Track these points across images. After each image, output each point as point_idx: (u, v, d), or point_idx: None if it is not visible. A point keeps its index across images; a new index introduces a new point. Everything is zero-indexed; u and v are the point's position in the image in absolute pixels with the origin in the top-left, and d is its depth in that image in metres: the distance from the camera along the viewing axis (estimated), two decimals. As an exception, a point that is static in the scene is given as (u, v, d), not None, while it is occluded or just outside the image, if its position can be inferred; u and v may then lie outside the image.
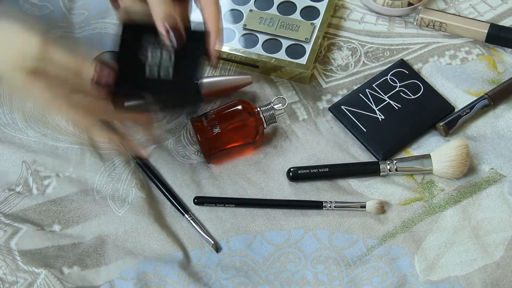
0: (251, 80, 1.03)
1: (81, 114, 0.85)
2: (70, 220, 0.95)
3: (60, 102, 0.83)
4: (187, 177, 0.98)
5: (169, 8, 0.85)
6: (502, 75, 1.05)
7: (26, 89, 0.83)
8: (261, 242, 0.94)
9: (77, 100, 0.85)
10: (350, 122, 1.01)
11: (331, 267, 0.92)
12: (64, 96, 0.84)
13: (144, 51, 0.87)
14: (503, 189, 0.96)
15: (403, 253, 0.92)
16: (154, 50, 0.87)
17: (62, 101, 0.84)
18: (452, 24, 1.08)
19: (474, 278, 0.90)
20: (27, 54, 0.82)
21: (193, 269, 0.92)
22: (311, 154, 1.00)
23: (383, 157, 0.99)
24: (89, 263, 0.92)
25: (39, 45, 0.82)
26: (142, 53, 0.87)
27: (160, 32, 0.86)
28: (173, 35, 0.86)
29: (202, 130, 0.96)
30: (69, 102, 0.84)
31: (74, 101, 0.84)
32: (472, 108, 1.01)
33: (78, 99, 0.85)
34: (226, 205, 0.96)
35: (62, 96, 0.83)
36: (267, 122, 0.98)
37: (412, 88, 1.03)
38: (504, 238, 0.93)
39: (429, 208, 0.95)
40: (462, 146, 0.96)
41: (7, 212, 0.94)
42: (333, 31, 1.10)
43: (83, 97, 0.85)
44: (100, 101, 0.85)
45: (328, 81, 1.06)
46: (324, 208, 0.95)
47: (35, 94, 0.83)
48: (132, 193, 0.96)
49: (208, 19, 0.89)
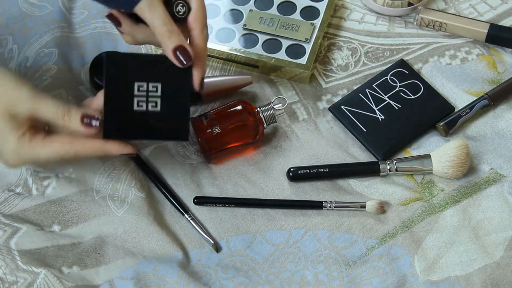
0: (251, 80, 1.03)
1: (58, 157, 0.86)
2: (70, 220, 0.94)
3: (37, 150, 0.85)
4: (187, 177, 0.98)
5: (177, 38, 0.86)
6: (502, 75, 1.05)
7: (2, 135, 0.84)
8: (261, 242, 0.94)
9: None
10: (350, 122, 1.01)
11: (331, 267, 0.92)
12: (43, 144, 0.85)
13: (130, 84, 0.87)
14: (503, 189, 0.96)
15: (403, 253, 0.92)
16: (141, 82, 0.87)
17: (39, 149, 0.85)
18: (452, 24, 1.08)
19: (474, 278, 0.90)
20: (17, 106, 0.84)
21: (193, 269, 0.92)
22: (311, 154, 1.00)
23: (383, 157, 0.99)
24: (88, 263, 0.92)
25: (29, 97, 0.84)
26: (129, 87, 0.86)
27: (170, 59, 0.86)
28: (181, 56, 0.86)
29: (202, 130, 0.96)
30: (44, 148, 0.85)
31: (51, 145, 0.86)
32: (472, 108, 1.01)
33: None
34: (226, 205, 0.96)
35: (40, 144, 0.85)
36: (267, 122, 0.98)
37: (412, 88, 1.03)
38: (504, 238, 0.93)
39: (429, 208, 0.95)
40: (462, 146, 0.96)
41: (7, 212, 0.94)
42: (333, 31, 1.10)
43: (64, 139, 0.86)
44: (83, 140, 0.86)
45: (328, 81, 1.06)
46: (324, 208, 0.95)
47: (9, 141, 0.84)
48: (131, 193, 0.96)
49: (195, 45, 0.88)
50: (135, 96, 0.86)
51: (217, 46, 1.06)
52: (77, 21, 1.10)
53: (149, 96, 0.87)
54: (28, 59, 1.06)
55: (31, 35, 1.08)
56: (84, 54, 1.07)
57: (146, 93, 0.87)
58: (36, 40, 1.08)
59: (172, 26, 0.86)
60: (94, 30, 1.09)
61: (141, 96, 0.87)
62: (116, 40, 1.08)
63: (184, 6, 0.87)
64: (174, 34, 0.85)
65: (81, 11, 1.11)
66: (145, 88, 0.87)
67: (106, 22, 1.10)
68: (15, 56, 1.06)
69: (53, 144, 0.85)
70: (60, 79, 1.05)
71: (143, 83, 0.87)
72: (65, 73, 1.05)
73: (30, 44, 1.07)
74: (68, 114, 0.84)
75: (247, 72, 1.06)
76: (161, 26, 0.85)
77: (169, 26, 0.85)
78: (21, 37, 1.08)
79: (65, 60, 1.06)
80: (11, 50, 1.07)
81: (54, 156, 0.85)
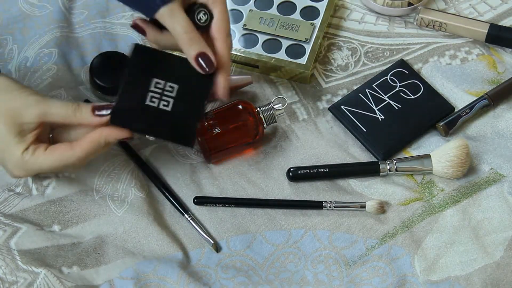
0: (251, 80, 1.04)
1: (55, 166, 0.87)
2: (70, 220, 0.94)
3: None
4: (187, 177, 0.98)
5: (199, 46, 0.86)
6: (502, 75, 1.05)
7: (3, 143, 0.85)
8: (261, 242, 0.94)
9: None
10: (350, 122, 1.01)
11: (331, 267, 0.92)
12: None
13: (148, 78, 0.87)
14: (503, 189, 0.96)
15: (403, 253, 0.92)
16: (159, 80, 0.88)
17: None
18: (452, 24, 1.08)
19: (474, 278, 0.90)
20: (24, 114, 0.85)
21: (193, 269, 0.92)
22: (311, 154, 1.00)
23: (383, 157, 0.99)
24: (88, 262, 0.92)
25: (36, 101, 0.85)
26: (147, 81, 0.87)
27: (194, 65, 0.87)
28: (203, 62, 0.87)
29: (202, 130, 0.96)
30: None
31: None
32: (472, 108, 1.01)
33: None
34: (226, 205, 0.96)
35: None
36: (267, 122, 0.98)
37: (412, 88, 1.03)
38: (504, 238, 0.93)
39: (429, 208, 0.95)
40: (462, 146, 0.96)
41: (7, 212, 0.94)
42: (333, 31, 1.10)
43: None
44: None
45: (328, 81, 1.06)
46: (324, 208, 0.95)
47: (14, 155, 0.86)
48: (131, 193, 0.96)
49: (220, 54, 0.89)
50: (150, 91, 0.87)
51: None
52: (77, 21, 1.10)
53: (164, 94, 0.87)
54: (28, 59, 1.06)
55: (31, 35, 1.08)
56: (84, 54, 1.07)
57: (161, 90, 0.87)
58: (36, 40, 1.08)
59: (193, 33, 0.86)
60: (94, 30, 1.09)
61: (156, 92, 0.87)
62: (116, 40, 1.08)
63: (206, 14, 0.88)
64: (195, 41, 0.86)
65: (81, 11, 1.11)
66: (162, 86, 0.87)
67: (106, 22, 1.10)
68: (15, 56, 1.06)
69: (54, 153, 0.86)
70: (60, 79, 1.05)
71: (161, 80, 0.87)
72: (65, 73, 1.05)
73: (30, 44, 1.07)
74: (79, 110, 0.86)
75: (247, 72, 1.06)
76: (182, 33, 0.86)
77: (190, 33, 0.86)
78: (21, 37, 1.08)
79: (65, 60, 1.06)
80: (11, 50, 1.07)
81: (57, 164, 0.86)
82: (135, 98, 0.87)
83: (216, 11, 0.89)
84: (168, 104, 0.87)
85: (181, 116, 0.88)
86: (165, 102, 0.87)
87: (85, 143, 0.86)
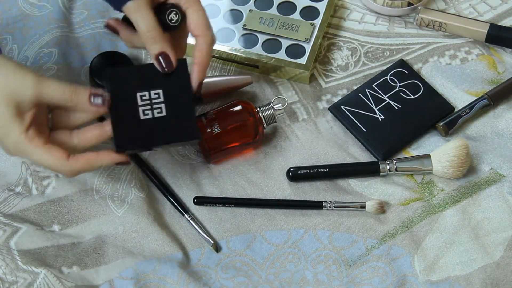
0: (251, 80, 1.04)
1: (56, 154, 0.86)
2: (70, 220, 0.94)
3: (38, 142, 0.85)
4: (187, 177, 0.98)
5: (161, 45, 0.87)
6: (502, 75, 1.05)
7: (3, 124, 0.84)
8: (261, 242, 0.94)
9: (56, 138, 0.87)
10: (350, 122, 1.01)
11: (331, 267, 0.92)
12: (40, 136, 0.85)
13: (132, 95, 0.87)
14: (503, 189, 0.96)
15: (403, 253, 0.92)
16: (143, 92, 0.88)
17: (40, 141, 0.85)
18: (452, 24, 1.08)
19: (474, 278, 0.90)
20: (21, 93, 0.83)
21: (193, 269, 0.92)
22: (311, 154, 1.00)
23: (383, 157, 0.99)
24: (88, 262, 0.92)
25: (33, 81, 0.84)
26: (132, 98, 0.87)
27: (154, 63, 0.88)
28: (163, 62, 0.87)
29: (202, 130, 0.96)
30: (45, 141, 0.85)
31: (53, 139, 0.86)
32: (472, 108, 1.01)
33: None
34: (226, 205, 0.96)
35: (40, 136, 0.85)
36: (267, 122, 0.98)
37: (412, 88, 1.03)
38: (504, 238, 0.93)
39: (429, 208, 0.95)
40: (462, 146, 0.96)
41: (7, 212, 0.94)
42: (333, 31, 1.10)
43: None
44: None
45: (328, 81, 1.06)
46: (324, 208, 0.95)
47: (12, 134, 0.84)
48: (131, 193, 0.96)
49: (197, 50, 0.90)
50: (139, 106, 0.87)
51: (217, 46, 1.05)
52: (77, 21, 1.10)
53: (153, 103, 0.88)
54: (28, 59, 1.06)
55: (31, 35, 1.08)
56: (84, 54, 1.07)
57: (149, 101, 0.88)
58: (36, 40, 1.08)
59: (156, 31, 0.87)
60: (94, 30, 1.09)
61: (145, 105, 0.88)
62: (116, 40, 1.08)
63: (178, 14, 0.89)
64: (157, 40, 0.87)
65: (81, 11, 1.11)
66: (147, 97, 0.88)
67: (106, 22, 1.10)
68: (15, 56, 1.06)
69: (50, 155, 0.84)
70: (60, 79, 1.04)
71: (144, 92, 0.88)
72: (65, 73, 1.05)
73: (30, 44, 1.07)
74: (75, 93, 0.85)
75: (247, 72, 1.06)
76: (146, 31, 0.87)
77: (153, 31, 0.87)
78: (21, 37, 1.08)
79: (65, 60, 1.06)
80: (11, 50, 1.07)
81: (49, 166, 0.85)
82: (130, 119, 0.87)
83: (190, 10, 0.89)
84: (161, 109, 0.88)
85: (178, 114, 0.88)
86: (157, 109, 0.88)
87: (81, 159, 0.85)
